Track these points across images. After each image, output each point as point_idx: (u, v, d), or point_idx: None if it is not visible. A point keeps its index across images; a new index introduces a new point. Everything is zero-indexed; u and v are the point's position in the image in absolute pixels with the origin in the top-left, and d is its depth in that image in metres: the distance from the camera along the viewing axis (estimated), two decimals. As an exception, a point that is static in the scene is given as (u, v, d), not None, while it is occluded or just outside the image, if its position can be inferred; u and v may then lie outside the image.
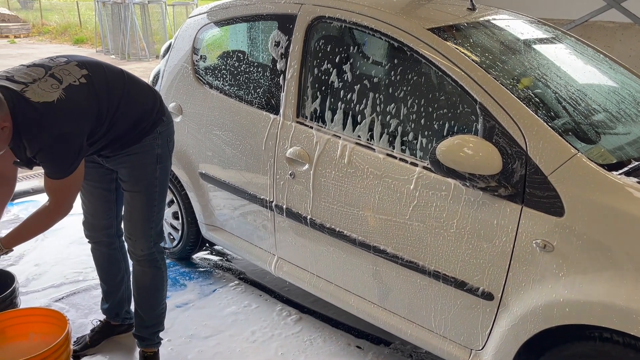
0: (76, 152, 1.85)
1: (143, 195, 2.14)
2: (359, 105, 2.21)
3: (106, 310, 2.49)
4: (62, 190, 1.91)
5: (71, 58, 1.98)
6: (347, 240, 2.23)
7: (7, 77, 1.81)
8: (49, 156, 1.82)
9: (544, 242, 1.70)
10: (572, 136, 1.83)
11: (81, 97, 1.87)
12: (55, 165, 1.85)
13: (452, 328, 2.02)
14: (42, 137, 1.78)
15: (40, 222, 1.98)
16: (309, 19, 2.35)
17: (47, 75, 1.85)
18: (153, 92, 2.18)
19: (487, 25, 2.37)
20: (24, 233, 2.01)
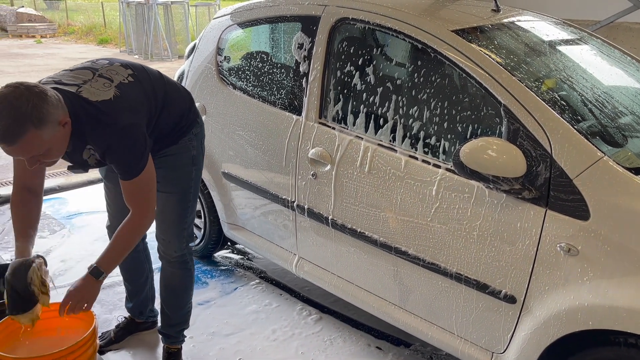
0: (142, 144, 1.83)
1: (178, 197, 2.15)
2: (382, 107, 2.22)
3: (130, 308, 2.53)
4: (141, 191, 1.87)
5: (113, 60, 1.99)
6: (369, 241, 2.23)
7: (55, 82, 1.79)
8: (119, 152, 1.80)
9: (568, 245, 1.69)
10: (598, 139, 1.81)
11: (134, 93, 1.89)
12: (126, 161, 1.82)
13: (474, 331, 2.01)
14: (109, 133, 1.77)
15: (130, 235, 1.91)
16: (332, 20, 2.37)
17: (96, 76, 1.85)
18: (188, 94, 2.20)
19: (512, 26, 2.36)
20: (118, 251, 1.91)
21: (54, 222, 3.75)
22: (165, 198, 2.11)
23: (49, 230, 3.62)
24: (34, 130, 1.57)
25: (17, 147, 1.58)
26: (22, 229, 1.89)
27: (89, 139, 1.79)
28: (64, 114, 1.67)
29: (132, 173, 1.83)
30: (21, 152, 1.61)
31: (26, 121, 1.55)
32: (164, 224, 2.19)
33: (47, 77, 1.85)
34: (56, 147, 1.70)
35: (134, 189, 1.86)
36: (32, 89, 1.58)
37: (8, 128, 1.54)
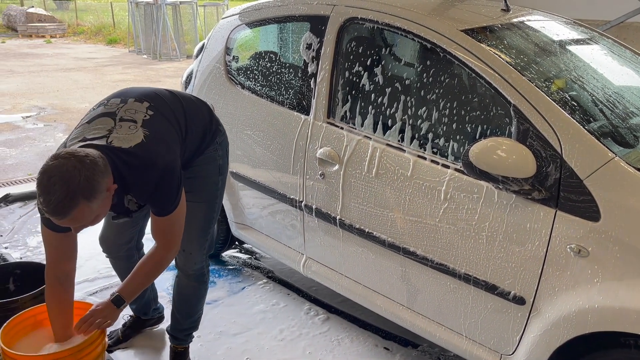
0: (179, 178, 1.83)
1: (205, 206, 2.12)
2: (390, 107, 2.21)
3: (134, 309, 2.53)
4: (171, 227, 1.87)
5: (123, 96, 1.92)
6: (376, 242, 2.23)
7: (79, 140, 1.73)
8: (160, 192, 1.79)
9: (578, 247, 1.67)
10: (609, 140, 1.79)
11: (161, 127, 1.85)
12: (165, 199, 1.81)
13: (482, 332, 2.00)
14: (152, 176, 1.75)
15: (154, 268, 1.91)
16: (341, 20, 2.36)
17: (118, 121, 1.80)
18: (205, 105, 2.16)
19: (521, 26, 2.34)
20: (140, 282, 1.92)
21: (63, 220, 3.77)
22: (191, 208, 2.02)
23: (58, 228, 3.64)
24: (86, 203, 1.56)
25: (68, 219, 1.57)
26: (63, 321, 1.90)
27: (130, 188, 1.77)
28: (110, 179, 1.65)
29: (167, 210, 1.83)
30: (71, 222, 1.60)
31: (77, 195, 1.53)
32: (188, 235, 2.09)
33: (69, 139, 1.79)
34: (103, 213, 1.69)
35: (165, 224, 1.86)
36: (83, 161, 1.56)
37: (60, 203, 1.52)
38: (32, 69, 11.16)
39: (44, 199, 1.53)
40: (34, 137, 6.04)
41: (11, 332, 1.90)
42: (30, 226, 3.67)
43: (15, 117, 7.04)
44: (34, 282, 2.26)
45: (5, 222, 3.71)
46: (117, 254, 2.35)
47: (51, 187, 1.51)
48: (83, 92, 8.85)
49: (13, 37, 17.85)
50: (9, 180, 4.58)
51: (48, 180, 1.52)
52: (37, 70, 11.05)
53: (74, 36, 18.74)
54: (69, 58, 13.31)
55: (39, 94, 8.64)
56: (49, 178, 1.53)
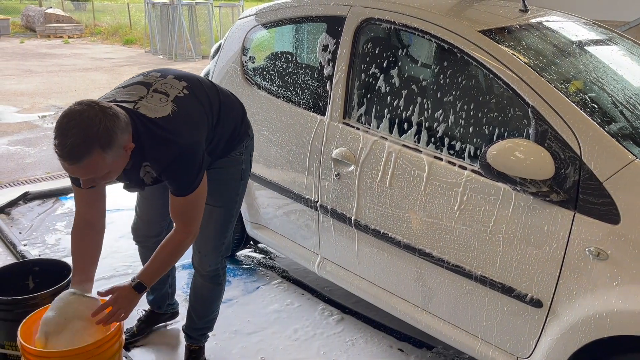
0: (201, 161, 1.81)
1: (223, 211, 2.11)
2: (407, 108, 2.21)
3: (150, 301, 2.56)
4: (190, 209, 1.86)
5: (165, 72, 1.94)
6: (392, 243, 2.22)
7: (108, 100, 1.73)
8: (178, 169, 1.77)
9: (597, 249, 1.66)
10: (629, 142, 1.77)
11: (192, 107, 1.84)
12: (183, 178, 1.80)
13: (498, 334, 1.99)
14: (170, 151, 1.74)
15: (174, 251, 1.89)
16: (357, 20, 2.36)
17: (151, 91, 1.80)
18: (240, 104, 2.15)
19: (540, 27, 2.33)
20: (160, 266, 1.90)
21: (80, 219, 3.81)
22: (209, 211, 2.01)
23: (76, 226, 3.69)
24: (100, 152, 1.55)
25: (79, 166, 1.55)
26: (81, 265, 1.91)
27: (148, 156, 1.75)
28: (129, 138, 1.65)
29: (186, 190, 1.81)
30: (82, 171, 1.59)
31: (94, 143, 1.53)
32: (203, 236, 2.09)
33: (101, 98, 1.79)
34: (115, 170, 1.68)
35: (184, 205, 1.84)
36: (106, 112, 1.56)
37: (75, 147, 1.51)
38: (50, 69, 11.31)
39: (60, 141, 1.51)
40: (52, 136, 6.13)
41: (30, 328, 1.93)
42: (48, 224, 3.72)
43: (34, 116, 7.14)
44: (53, 279, 2.28)
45: (24, 220, 3.77)
46: (145, 244, 2.38)
47: (69, 130, 1.50)
48: (100, 92, 8.95)
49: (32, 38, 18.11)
50: (28, 179, 4.65)
51: (67, 124, 1.51)
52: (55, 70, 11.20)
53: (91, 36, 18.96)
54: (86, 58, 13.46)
55: (57, 94, 8.75)
56: (68, 121, 1.52)
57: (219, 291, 2.32)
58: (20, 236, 3.51)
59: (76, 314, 1.79)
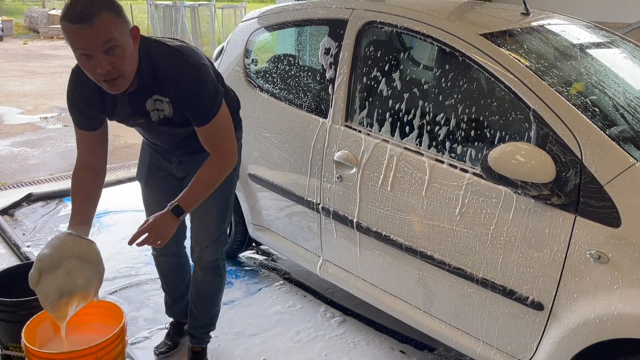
0: (214, 84, 1.82)
1: (220, 200, 2.14)
2: (408, 111, 2.22)
3: (176, 313, 2.51)
4: (221, 131, 1.86)
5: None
6: (393, 245, 2.23)
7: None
8: (194, 93, 1.78)
9: (598, 253, 1.66)
10: (630, 145, 1.78)
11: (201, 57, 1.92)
12: (201, 102, 1.80)
13: (499, 337, 2.00)
14: (183, 68, 1.76)
15: (215, 176, 1.89)
16: (359, 24, 2.37)
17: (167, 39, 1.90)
18: (237, 97, 2.22)
19: (541, 30, 2.33)
20: (201, 192, 1.90)
21: (83, 220, 3.83)
22: (207, 203, 2.02)
23: (79, 228, 3.70)
24: (108, 14, 1.58)
25: (91, 27, 1.56)
26: (79, 207, 1.90)
27: (160, 77, 1.76)
28: (134, 30, 1.69)
29: (209, 114, 1.82)
30: (96, 35, 1.57)
31: (101, 4, 1.58)
32: (203, 229, 2.17)
33: None
34: (128, 58, 1.66)
35: (213, 131, 1.85)
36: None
37: (85, 8, 1.56)
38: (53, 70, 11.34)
39: (69, 9, 1.56)
40: (55, 138, 6.15)
41: (34, 330, 1.94)
42: (51, 225, 3.74)
43: (37, 117, 7.17)
44: (56, 281, 2.29)
45: (27, 221, 3.78)
46: (166, 250, 2.32)
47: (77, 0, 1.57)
48: (103, 93, 8.98)
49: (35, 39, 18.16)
50: (31, 180, 4.67)
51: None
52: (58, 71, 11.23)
53: (94, 38, 18.95)
54: (89, 59, 13.48)
55: (60, 95, 8.77)
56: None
57: (220, 283, 2.33)
58: (24, 237, 3.52)
59: (71, 253, 1.77)
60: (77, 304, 1.79)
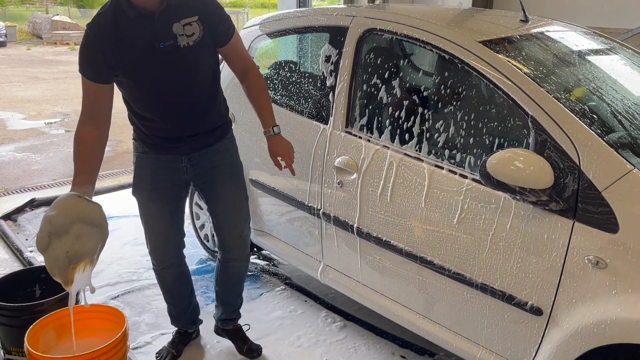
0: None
1: (242, 184, 2.26)
2: (408, 117, 2.23)
3: (184, 323, 2.50)
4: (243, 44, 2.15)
5: None
6: (394, 250, 2.25)
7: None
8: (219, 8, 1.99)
9: (596, 258, 1.67)
10: (628, 151, 1.79)
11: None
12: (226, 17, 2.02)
13: (499, 342, 2.01)
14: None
15: (264, 86, 2.15)
16: (360, 31, 2.40)
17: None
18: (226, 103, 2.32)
19: (540, 37, 2.35)
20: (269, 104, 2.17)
21: (86, 225, 3.84)
22: (237, 192, 2.23)
23: (81, 233, 3.72)
24: None
25: None
26: (82, 166, 1.86)
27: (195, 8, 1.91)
28: None
29: (233, 27, 2.04)
30: None
31: None
32: (241, 219, 2.27)
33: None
34: None
35: (239, 44, 2.09)
36: None
37: None
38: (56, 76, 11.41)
39: None
40: (59, 143, 6.19)
41: (37, 335, 1.96)
42: (54, 230, 3.75)
43: (40, 123, 7.22)
44: (59, 286, 2.30)
45: (30, 226, 3.81)
46: (169, 262, 2.33)
47: None
48: (106, 99, 9.03)
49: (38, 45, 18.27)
50: (34, 185, 4.70)
51: None
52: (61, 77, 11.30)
53: (97, 43, 19.05)
54: (92, 65, 13.54)
55: (63, 101, 8.83)
56: None
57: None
58: (27, 243, 3.55)
59: (80, 217, 1.75)
60: (83, 268, 1.76)
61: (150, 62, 1.92)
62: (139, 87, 1.99)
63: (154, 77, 1.95)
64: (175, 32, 1.90)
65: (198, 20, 1.93)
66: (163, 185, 2.19)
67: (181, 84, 2.00)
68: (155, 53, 1.90)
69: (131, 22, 1.86)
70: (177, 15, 1.90)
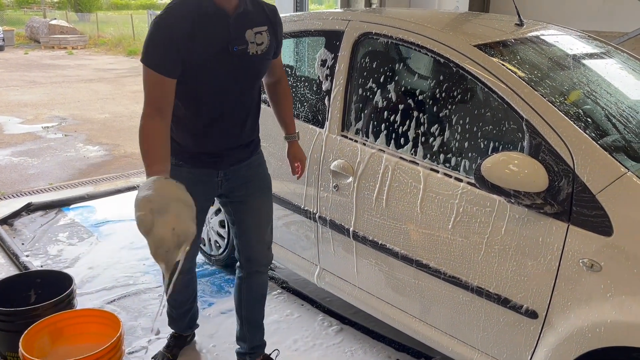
0: None
1: (271, 196, 2.26)
2: (403, 121, 2.24)
3: (179, 327, 2.48)
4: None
5: None
6: (390, 254, 2.25)
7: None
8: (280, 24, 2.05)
9: (591, 261, 1.68)
10: (622, 154, 1.80)
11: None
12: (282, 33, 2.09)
13: (495, 345, 2.01)
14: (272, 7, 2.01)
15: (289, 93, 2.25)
16: (355, 35, 2.40)
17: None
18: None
19: (535, 40, 2.36)
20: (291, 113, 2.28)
21: (82, 229, 3.85)
22: (268, 204, 2.24)
23: (78, 237, 3.72)
24: None
25: None
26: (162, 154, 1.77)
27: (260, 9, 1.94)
28: None
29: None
30: None
31: None
32: (268, 229, 2.24)
33: None
34: None
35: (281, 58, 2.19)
36: None
37: None
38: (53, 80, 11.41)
39: None
40: (55, 147, 6.18)
41: (32, 339, 1.96)
42: (50, 235, 3.75)
43: (37, 127, 7.21)
44: (55, 290, 2.31)
45: (26, 231, 3.80)
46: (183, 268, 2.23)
47: None
48: (103, 103, 9.03)
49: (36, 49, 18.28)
50: (30, 190, 4.69)
51: None
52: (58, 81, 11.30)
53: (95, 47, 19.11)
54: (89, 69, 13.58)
55: (60, 105, 8.83)
56: None
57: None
58: (23, 247, 3.54)
59: (175, 196, 1.63)
60: (184, 249, 1.63)
61: (220, 64, 1.86)
62: (200, 87, 1.89)
63: (220, 79, 1.89)
64: (247, 39, 1.88)
65: (267, 31, 1.93)
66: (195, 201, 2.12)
67: (239, 90, 1.96)
68: (228, 55, 1.85)
69: (209, 18, 1.80)
70: (251, 22, 1.88)
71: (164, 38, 1.77)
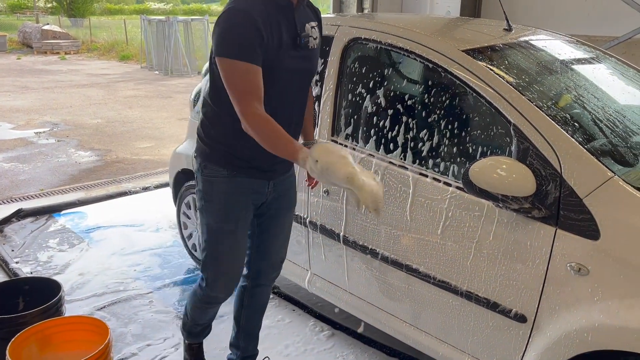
0: None
1: (293, 214, 2.21)
2: (393, 126, 2.24)
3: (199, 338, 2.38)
4: None
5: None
6: (380, 258, 2.25)
7: None
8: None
9: (578, 265, 1.68)
10: (608, 159, 1.81)
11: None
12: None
13: (485, 349, 2.01)
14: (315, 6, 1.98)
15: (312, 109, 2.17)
16: (345, 40, 2.41)
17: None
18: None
19: (524, 45, 2.37)
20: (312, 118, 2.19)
21: (73, 235, 3.83)
22: (292, 219, 2.19)
23: (68, 244, 3.70)
24: None
25: None
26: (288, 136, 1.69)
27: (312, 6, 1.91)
28: None
29: None
30: None
31: None
32: (286, 245, 2.21)
33: None
34: None
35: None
36: None
37: None
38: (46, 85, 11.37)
39: None
40: (47, 153, 6.15)
41: (20, 347, 1.94)
42: (41, 241, 3.73)
43: (29, 132, 7.17)
44: (43, 298, 2.30)
45: (16, 237, 3.78)
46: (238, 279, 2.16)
47: None
48: (95, 108, 9.00)
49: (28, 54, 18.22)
50: (21, 196, 4.66)
51: None
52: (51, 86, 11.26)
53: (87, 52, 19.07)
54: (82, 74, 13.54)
55: (53, 110, 8.79)
56: None
57: None
58: (13, 253, 3.51)
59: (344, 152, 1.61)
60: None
61: (289, 55, 1.78)
62: (270, 81, 1.76)
63: (288, 72, 1.80)
64: (307, 32, 1.84)
65: (317, 27, 1.92)
66: (248, 214, 1.99)
67: (299, 86, 1.88)
68: (296, 48, 1.79)
69: (280, 9, 1.75)
70: (308, 15, 1.88)
71: (247, 28, 1.65)
